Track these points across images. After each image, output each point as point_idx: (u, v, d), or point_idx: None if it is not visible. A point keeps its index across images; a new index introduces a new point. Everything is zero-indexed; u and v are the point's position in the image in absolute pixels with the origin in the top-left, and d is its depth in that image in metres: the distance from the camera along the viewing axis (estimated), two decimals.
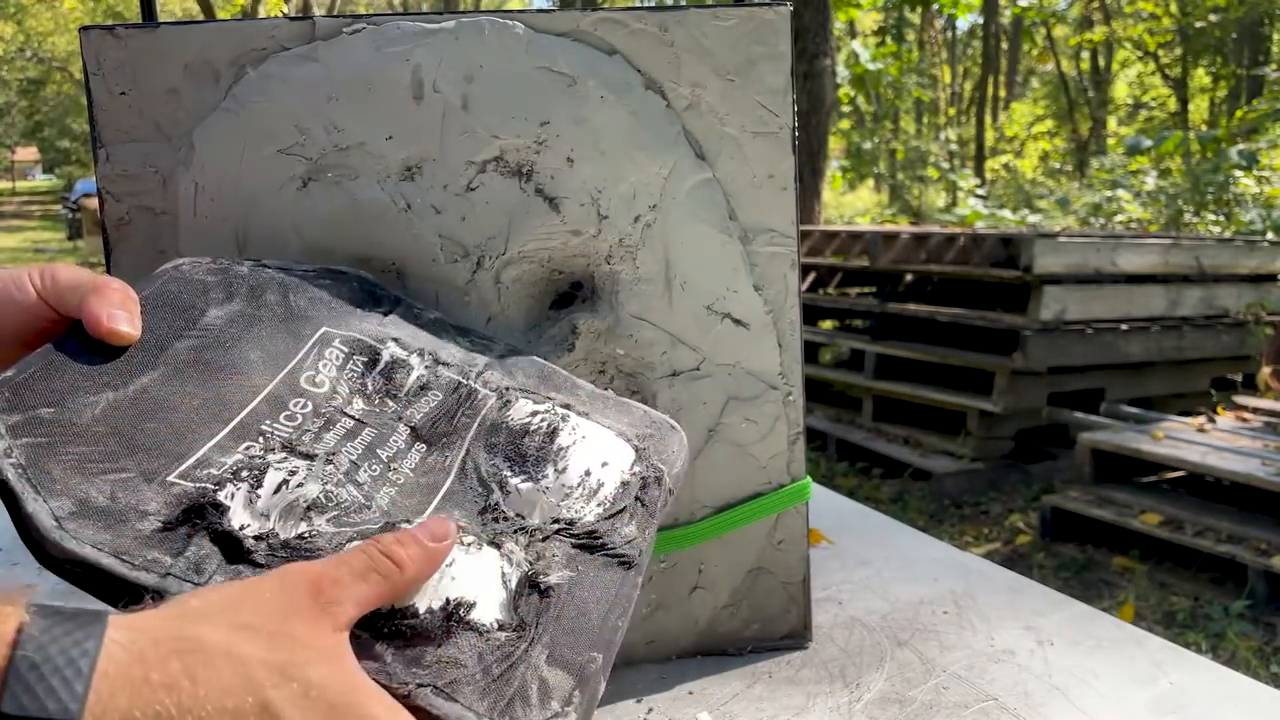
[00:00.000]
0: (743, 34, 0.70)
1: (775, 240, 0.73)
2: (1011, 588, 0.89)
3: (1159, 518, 2.98)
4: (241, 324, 0.54)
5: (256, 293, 0.56)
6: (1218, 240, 4.97)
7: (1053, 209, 10.06)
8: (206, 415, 0.48)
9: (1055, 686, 0.70)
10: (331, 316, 0.57)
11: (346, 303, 0.60)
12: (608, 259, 0.71)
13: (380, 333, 0.58)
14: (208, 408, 0.49)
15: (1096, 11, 16.37)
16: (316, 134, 0.66)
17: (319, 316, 0.57)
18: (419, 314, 0.63)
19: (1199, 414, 3.63)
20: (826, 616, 0.82)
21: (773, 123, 0.71)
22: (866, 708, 0.68)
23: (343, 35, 0.66)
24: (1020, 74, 19.68)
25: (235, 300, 0.55)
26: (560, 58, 0.68)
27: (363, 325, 0.58)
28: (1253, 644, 2.46)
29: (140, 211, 0.68)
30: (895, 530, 1.06)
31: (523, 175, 0.68)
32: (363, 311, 0.60)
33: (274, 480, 0.46)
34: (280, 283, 0.58)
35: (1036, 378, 3.81)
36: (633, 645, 0.75)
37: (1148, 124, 15.54)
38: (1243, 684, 0.71)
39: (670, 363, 0.72)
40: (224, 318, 0.54)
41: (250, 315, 0.55)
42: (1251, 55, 14.09)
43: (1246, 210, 7.66)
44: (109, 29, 0.66)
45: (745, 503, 0.75)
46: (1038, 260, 3.70)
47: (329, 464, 0.49)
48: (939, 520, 3.54)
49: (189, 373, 0.50)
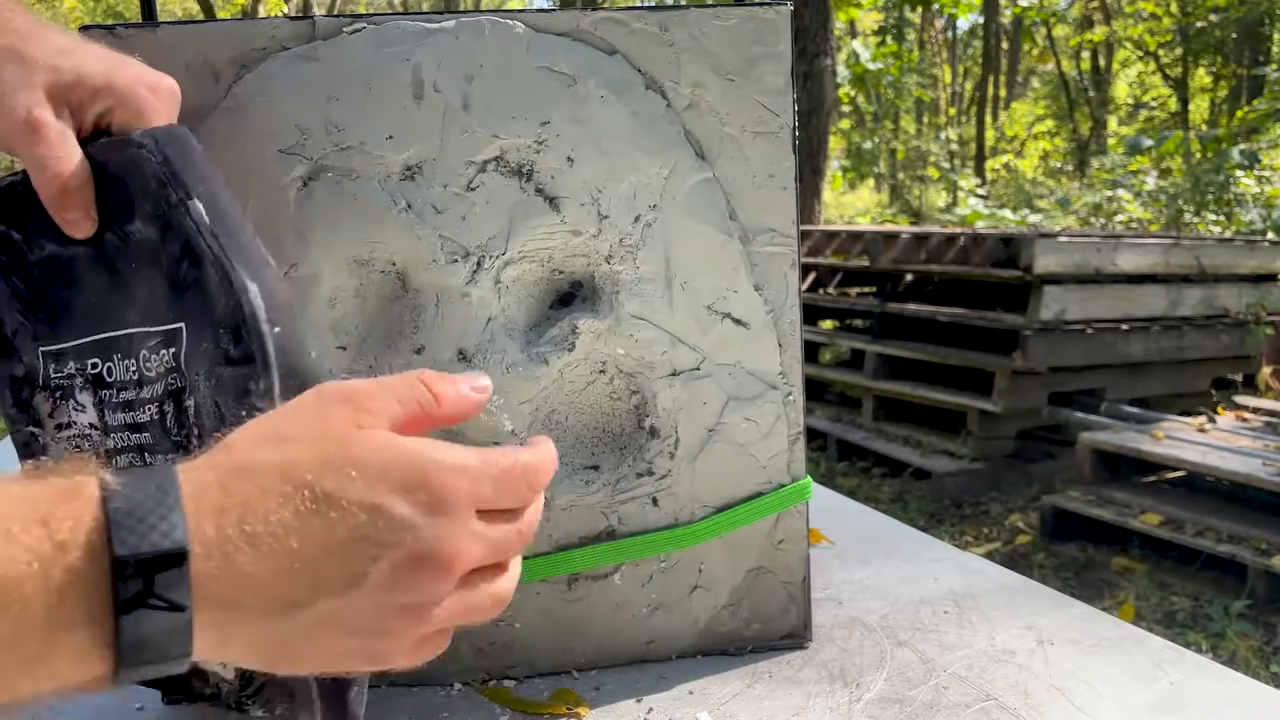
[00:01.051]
0: (743, 34, 0.70)
1: (775, 240, 0.73)
2: (1012, 587, 0.89)
3: (1159, 517, 2.98)
4: (147, 255, 0.54)
5: (167, 236, 0.54)
6: (1218, 240, 4.97)
7: (1053, 209, 10.06)
8: (90, 314, 0.56)
9: (1055, 686, 0.70)
10: (190, 317, 0.54)
11: (200, 312, 0.55)
12: (608, 259, 0.71)
13: (193, 380, 0.55)
14: (96, 309, 0.56)
15: (1097, 11, 16.37)
16: (317, 134, 0.66)
17: (182, 309, 0.54)
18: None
19: (1199, 414, 3.64)
20: (827, 616, 0.82)
21: (773, 122, 0.71)
22: (866, 707, 0.68)
23: (343, 35, 0.66)
24: (1020, 74, 19.67)
25: (152, 226, 0.54)
26: (560, 57, 0.68)
27: (194, 355, 0.54)
28: (1253, 644, 2.46)
29: None
30: (895, 530, 1.06)
31: (523, 175, 0.68)
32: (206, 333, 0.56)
33: (88, 401, 0.56)
34: (180, 250, 0.54)
35: (1037, 377, 3.81)
36: (633, 645, 0.75)
37: (1148, 124, 15.54)
38: (1243, 684, 0.71)
39: (670, 362, 0.72)
40: (141, 235, 0.54)
41: (153, 254, 0.54)
42: (1252, 55, 14.09)
43: (1247, 210, 7.66)
44: (109, 29, 0.66)
45: (745, 502, 0.75)
46: (1038, 260, 3.70)
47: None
48: (939, 520, 3.54)
49: (100, 267, 0.56)
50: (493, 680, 0.74)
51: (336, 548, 0.37)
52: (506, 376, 0.70)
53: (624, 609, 0.75)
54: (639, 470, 0.73)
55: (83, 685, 0.34)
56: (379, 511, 0.37)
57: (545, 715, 0.69)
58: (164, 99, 0.58)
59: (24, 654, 0.33)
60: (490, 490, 0.41)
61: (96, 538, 0.33)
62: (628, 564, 0.74)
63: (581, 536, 0.73)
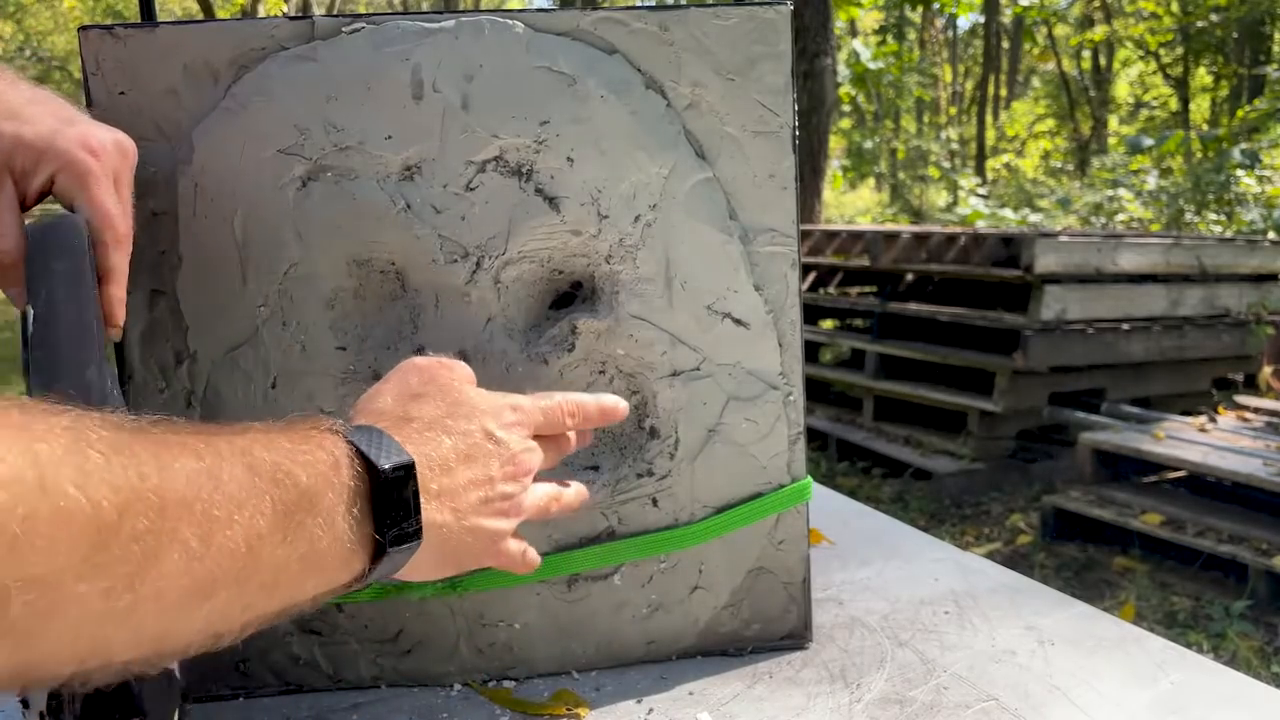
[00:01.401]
0: (743, 33, 0.70)
1: (775, 240, 0.72)
2: (1012, 588, 0.88)
3: (1160, 517, 2.97)
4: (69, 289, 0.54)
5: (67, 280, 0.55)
6: (1219, 240, 4.96)
7: (1054, 208, 10.05)
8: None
9: (1056, 686, 0.70)
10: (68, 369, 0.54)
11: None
12: (608, 259, 0.70)
13: None
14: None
15: (1097, 11, 16.36)
16: (316, 134, 0.66)
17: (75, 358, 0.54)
18: None
19: (1200, 414, 3.63)
20: (827, 616, 0.82)
21: (773, 122, 0.71)
22: (867, 708, 0.68)
23: (342, 35, 0.66)
24: (1021, 73, 19.66)
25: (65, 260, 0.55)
26: (560, 57, 0.67)
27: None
28: (1254, 644, 2.45)
29: (140, 212, 0.68)
30: (896, 530, 1.06)
31: (523, 175, 0.68)
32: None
33: None
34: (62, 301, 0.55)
35: (1037, 377, 3.81)
36: (633, 645, 0.75)
37: (1149, 123, 15.53)
38: (1244, 684, 0.71)
39: (670, 363, 0.72)
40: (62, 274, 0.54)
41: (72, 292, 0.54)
42: (1253, 55, 14.08)
43: (1248, 210, 7.66)
44: (108, 29, 0.66)
45: (746, 503, 0.75)
46: (1038, 260, 3.70)
47: None
48: (940, 520, 3.54)
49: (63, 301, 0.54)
50: (493, 680, 0.74)
51: (471, 455, 0.53)
52: (506, 377, 0.70)
53: (624, 609, 0.75)
54: (639, 471, 0.73)
55: (340, 587, 0.45)
56: (487, 433, 0.55)
57: (545, 715, 0.69)
58: (108, 158, 0.57)
59: (319, 553, 0.42)
60: (541, 419, 0.59)
61: (358, 460, 0.45)
62: (628, 564, 0.74)
63: (581, 537, 0.73)
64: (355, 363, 0.70)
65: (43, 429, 0.33)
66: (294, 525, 0.41)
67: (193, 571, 0.36)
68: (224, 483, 0.38)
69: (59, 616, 0.32)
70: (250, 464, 0.40)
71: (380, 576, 0.47)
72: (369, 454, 0.46)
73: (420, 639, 0.73)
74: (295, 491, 0.41)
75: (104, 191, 0.56)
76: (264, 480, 0.40)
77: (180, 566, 0.36)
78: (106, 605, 0.33)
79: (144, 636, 0.36)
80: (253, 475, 0.40)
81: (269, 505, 0.40)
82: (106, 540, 0.33)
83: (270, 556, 0.40)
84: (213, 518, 0.37)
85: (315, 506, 0.42)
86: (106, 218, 0.56)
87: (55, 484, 0.31)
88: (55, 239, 0.54)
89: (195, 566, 0.36)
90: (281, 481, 0.41)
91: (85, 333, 0.53)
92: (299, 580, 0.42)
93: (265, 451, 0.42)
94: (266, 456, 0.41)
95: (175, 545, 0.36)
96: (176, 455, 0.37)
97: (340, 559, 0.44)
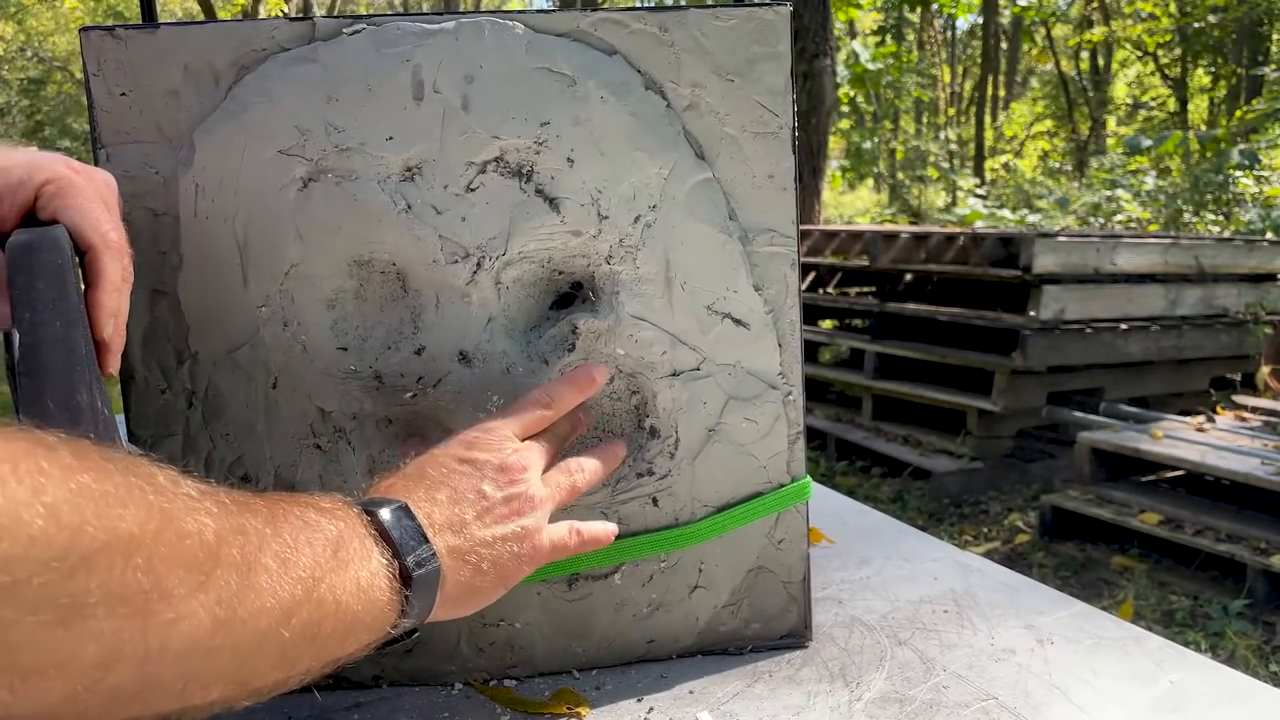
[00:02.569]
0: (743, 34, 0.70)
1: (775, 240, 0.73)
2: (1011, 587, 0.89)
3: (1158, 517, 2.98)
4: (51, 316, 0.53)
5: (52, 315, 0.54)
6: (1217, 240, 4.97)
7: (1052, 209, 10.05)
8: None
9: (1055, 685, 0.70)
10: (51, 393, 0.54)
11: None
12: (608, 259, 0.71)
13: None
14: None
15: (1096, 11, 16.37)
16: (316, 135, 0.66)
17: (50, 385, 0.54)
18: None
19: (1198, 413, 3.64)
20: (826, 616, 0.83)
21: (773, 123, 0.71)
22: (867, 707, 0.68)
23: (343, 36, 0.66)
24: (1020, 74, 19.67)
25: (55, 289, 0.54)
26: (560, 58, 0.68)
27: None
28: (1252, 643, 2.46)
29: (141, 212, 0.68)
30: (895, 529, 1.06)
31: (523, 176, 0.68)
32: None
33: None
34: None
35: (1036, 377, 3.82)
36: (633, 645, 0.76)
37: (1147, 124, 15.54)
38: (1242, 683, 0.71)
39: (670, 363, 0.72)
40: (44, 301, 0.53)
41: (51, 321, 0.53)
42: (1251, 55, 14.08)
43: (1246, 210, 7.67)
44: (109, 30, 0.66)
45: (745, 502, 0.75)
46: (1037, 260, 3.70)
47: None
48: (939, 519, 3.54)
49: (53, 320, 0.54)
50: (493, 680, 0.74)
51: (452, 484, 0.57)
52: (506, 377, 0.70)
53: (624, 609, 0.75)
54: (639, 470, 0.73)
55: (387, 620, 0.50)
56: (460, 460, 0.59)
57: (546, 715, 0.69)
58: (92, 176, 0.57)
59: (366, 580, 0.48)
60: (517, 425, 0.63)
61: (358, 506, 0.51)
62: (628, 564, 0.74)
63: None
64: (356, 363, 0.70)
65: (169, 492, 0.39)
66: (340, 559, 0.47)
67: (277, 592, 0.42)
68: (279, 522, 0.45)
69: (177, 631, 0.36)
70: (288, 512, 0.46)
71: (421, 612, 0.52)
72: (364, 504, 0.52)
73: (421, 638, 0.73)
74: (334, 532, 0.47)
75: (90, 200, 0.55)
76: (308, 525, 0.46)
77: (268, 586, 0.41)
78: (213, 620, 0.38)
79: (238, 661, 0.40)
80: (299, 520, 0.46)
81: (320, 539, 0.46)
82: (216, 556, 0.39)
83: (330, 583, 0.45)
84: (284, 542, 0.44)
85: (349, 544, 0.48)
86: (95, 222, 0.55)
87: (172, 518, 0.38)
88: (38, 256, 0.53)
89: (278, 587, 0.42)
90: (320, 525, 0.47)
91: (72, 356, 0.52)
92: (353, 609, 0.47)
93: (294, 507, 0.47)
94: (297, 510, 0.47)
95: (260, 568, 0.41)
96: (245, 504, 0.43)
97: (383, 586, 0.49)
